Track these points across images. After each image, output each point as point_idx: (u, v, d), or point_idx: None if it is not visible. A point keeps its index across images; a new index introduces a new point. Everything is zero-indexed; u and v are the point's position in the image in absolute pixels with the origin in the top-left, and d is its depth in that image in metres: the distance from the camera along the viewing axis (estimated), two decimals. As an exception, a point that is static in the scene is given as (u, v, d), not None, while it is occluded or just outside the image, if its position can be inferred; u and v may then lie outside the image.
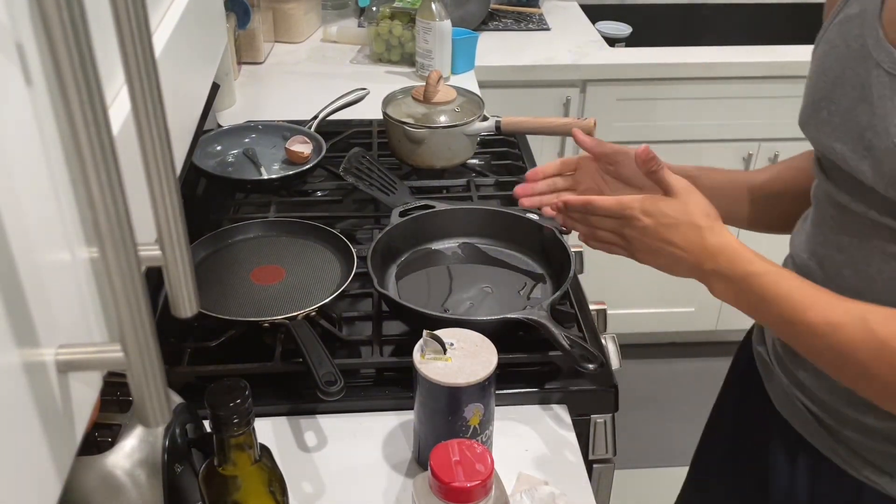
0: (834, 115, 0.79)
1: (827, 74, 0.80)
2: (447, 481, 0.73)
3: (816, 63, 0.83)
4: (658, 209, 0.82)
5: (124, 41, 0.34)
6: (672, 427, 2.29)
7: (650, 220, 0.83)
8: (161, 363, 0.37)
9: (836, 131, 0.78)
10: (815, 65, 0.83)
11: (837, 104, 0.78)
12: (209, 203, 1.39)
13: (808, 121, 0.84)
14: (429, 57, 1.87)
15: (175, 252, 0.39)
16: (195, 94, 0.68)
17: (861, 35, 0.76)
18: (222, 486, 0.70)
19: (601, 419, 1.03)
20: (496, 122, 1.42)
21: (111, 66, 0.44)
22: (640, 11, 2.51)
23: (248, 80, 1.91)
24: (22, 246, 0.33)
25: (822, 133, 0.81)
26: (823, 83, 0.81)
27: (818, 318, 0.73)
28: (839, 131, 0.78)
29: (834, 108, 0.79)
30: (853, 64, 0.76)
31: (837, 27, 0.80)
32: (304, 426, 0.98)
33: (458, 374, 0.84)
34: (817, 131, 0.82)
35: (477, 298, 1.12)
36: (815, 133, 0.83)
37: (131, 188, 0.36)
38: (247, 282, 1.11)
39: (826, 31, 0.83)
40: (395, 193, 1.33)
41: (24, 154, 0.33)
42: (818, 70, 0.82)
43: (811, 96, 0.83)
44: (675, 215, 0.82)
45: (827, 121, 0.80)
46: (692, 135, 2.16)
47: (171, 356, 1.01)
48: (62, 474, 0.37)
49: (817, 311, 0.73)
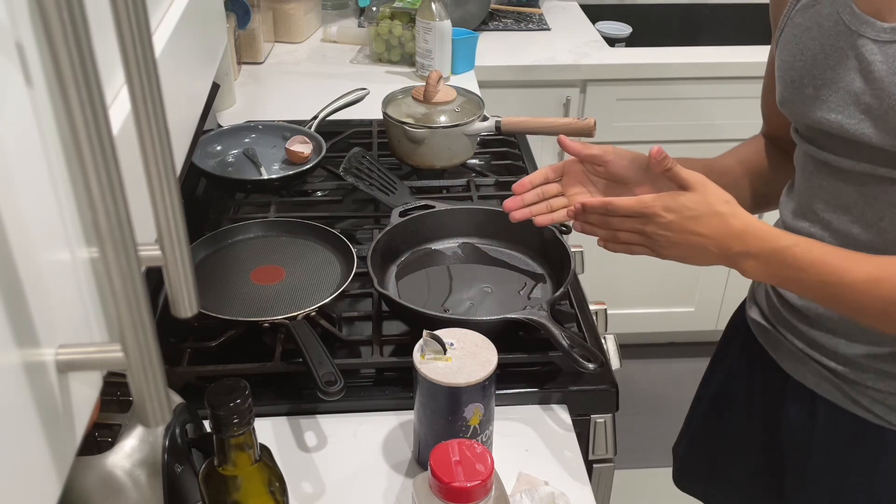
0: (820, 88, 0.85)
1: (804, 54, 0.86)
2: (447, 481, 0.73)
3: (787, 47, 0.89)
4: (679, 203, 0.84)
5: (124, 41, 0.34)
6: (672, 427, 2.28)
7: (673, 215, 0.84)
8: (161, 363, 0.37)
9: (825, 103, 0.84)
10: (787, 48, 0.89)
11: (821, 78, 0.85)
12: (209, 203, 1.39)
13: (792, 98, 0.89)
14: (429, 57, 1.87)
15: (175, 252, 0.39)
16: (195, 94, 0.68)
17: (833, 13, 0.83)
18: (222, 486, 0.70)
19: (601, 419, 1.03)
20: (496, 122, 1.42)
21: (111, 66, 0.44)
22: (640, 11, 2.51)
23: (248, 80, 1.91)
24: (22, 246, 0.33)
25: (810, 107, 0.86)
26: (801, 62, 0.87)
27: (859, 275, 0.78)
28: (830, 102, 0.84)
29: (819, 82, 0.85)
30: (832, 40, 0.83)
31: (802, 12, 0.87)
32: (304, 426, 0.98)
33: (458, 374, 0.84)
34: (803, 106, 0.87)
35: (477, 298, 1.12)
36: (801, 108, 0.88)
37: (131, 188, 0.36)
38: (247, 282, 1.11)
39: (788, 18, 0.89)
40: (395, 193, 1.33)
41: (24, 154, 0.33)
42: (792, 52, 0.88)
43: (789, 76, 0.89)
44: (697, 207, 0.83)
45: (813, 95, 0.86)
46: (692, 135, 2.16)
47: (171, 356, 1.01)
48: (62, 474, 0.37)
49: (856, 270, 0.79)
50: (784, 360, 1.00)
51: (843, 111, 0.83)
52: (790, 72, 0.88)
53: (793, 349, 0.98)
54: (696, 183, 0.84)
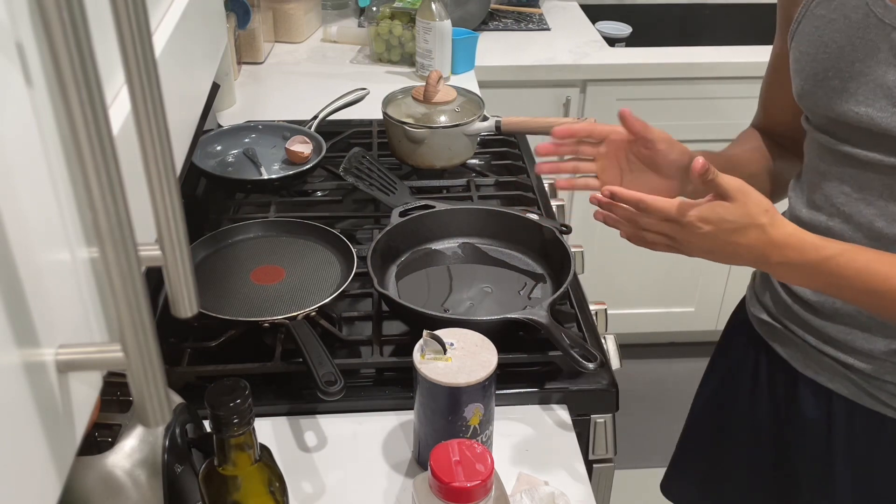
0: (848, 81, 0.84)
1: (829, 46, 0.85)
2: (447, 481, 0.73)
3: (807, 39, 0.87)
4: (718, 216, 0.80)
5: (124, 41, 0.34)
6: (672, 427, 2.28)
7: (710, 227, 0.81)
8: (161, 363, 0.37)
9: (853, 96, 0.83)
10: (807, 41, 0.87)
11: (849, 71, 0.83)
12: (209, 203, 1.39)
13: (814, 90, 0.87)
14: (429, 57, 1.87)
15: (175, 252, 0.39)
16: (195, 94, 0.68)
17: (862, 5, 0.82)
18: (222, 486, 0.70)
19: (601, 419, 1.03)
20: (496, 122, 1.42)
21: (111, 66, 0.44)
22: (640, 11, 2.51)
23: (248, 80, 1.91)
24: (22, 246, 0.33)
25: (836, 100, 0.85)
26: (825, 55, 0.86)
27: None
28: (859, 95, 0.83)
29: (846, 75, 0.84)
30: (861, 33, 0.82)
31: (824, 4, 0.86)
32: (304, 426, 0.98)
33: (458, 374, 0.84)
34: (828, 99, 0.86)
35: (477, 298, 1.12)
36: (825, 101, 0.86)
37: (131, 188, 0.36)
38: (247, 282, 1.11)
39: (808, 10, 0.88)
40: (395, 193, 1.33)
41: (24, 154, 0.33)
42: (814, 44, 0.87)
43: (811, 69, 0.87)
44: (736, 219, 0.80)
45: (840, 88, 0.84)
46: (692, 135, 2.15)
47: (171, 356, 1.01)
48: (62, 474, 0.37)
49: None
50: (794, 357, 1.00)
51: (874, 104, 0.82)
52: (813, 64, 0.87)
53: (804, 346, 0.97)
54: (737, 192, 0.80)
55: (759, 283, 1.07)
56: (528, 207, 1.34)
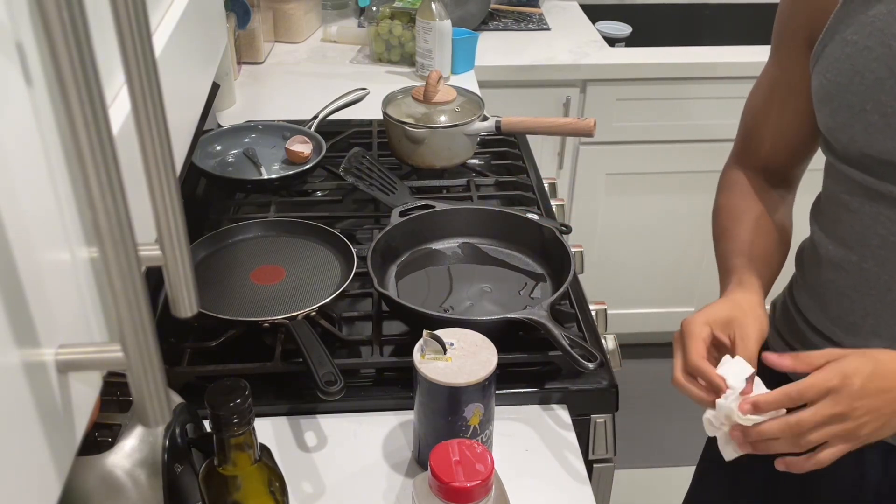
0: (891, 117, 0.77)
1: (865, 77, 0.78)
2: (447, 481, 0.73)
3: (837, 66, 0.81)
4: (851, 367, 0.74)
5: (124, 41, 0.34)
6: (672, 427, 2.29)
7: (857, 378, 0.73)
8: (161, 363, 0.37)
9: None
10: (837, 69, 0.81)
11: (893, 106, 0.77)
12: (209, 203, 1.39)
13: (849, 123, 0.81)
14: (429, 57, 1.87)
15: (175, 252, 0.39)
16: (195, 94, 0.68)
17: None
18: (222, 486, 0.70)
19: (601, 419, 1.03)
20: (496, 122, 1.42)
21: (111, 66, 0.44)
22: (640, 11, 2.51)
23: (248, 80, 1.91)
24: (22, 246, 0.33)
25: (876, 136, 0.79)
26: (860, 85, 0.79)
27: None
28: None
29: (889, 110, 0.77)
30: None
31: (856, 29, 0.79)
32: (304, 426, 0.98)
33: (458, 374, 0.84)
34: (866, 134, 0.79)
35: (477, 298, 1.12)
36: (862, 136, 0.80)
37: (131, 188, 0.36)
38: (247, 282, 1.11)
39: (836, 33, 0.81)
40: (395, 193, 1.33)
41: (24, 154, 0.33)
42: (846, 74, 0.80)
43: (844, 100, 0.81)
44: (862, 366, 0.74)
45: (882, 124, 0.78)
46: (692, 135, 2.16)
47: (171, 356, 1.01)
48: (62, 474, 0.37)
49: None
50: None
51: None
52: (846, 95, 0.80)
53: None
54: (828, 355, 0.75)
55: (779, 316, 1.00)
56: (528, 207, 1.34)
